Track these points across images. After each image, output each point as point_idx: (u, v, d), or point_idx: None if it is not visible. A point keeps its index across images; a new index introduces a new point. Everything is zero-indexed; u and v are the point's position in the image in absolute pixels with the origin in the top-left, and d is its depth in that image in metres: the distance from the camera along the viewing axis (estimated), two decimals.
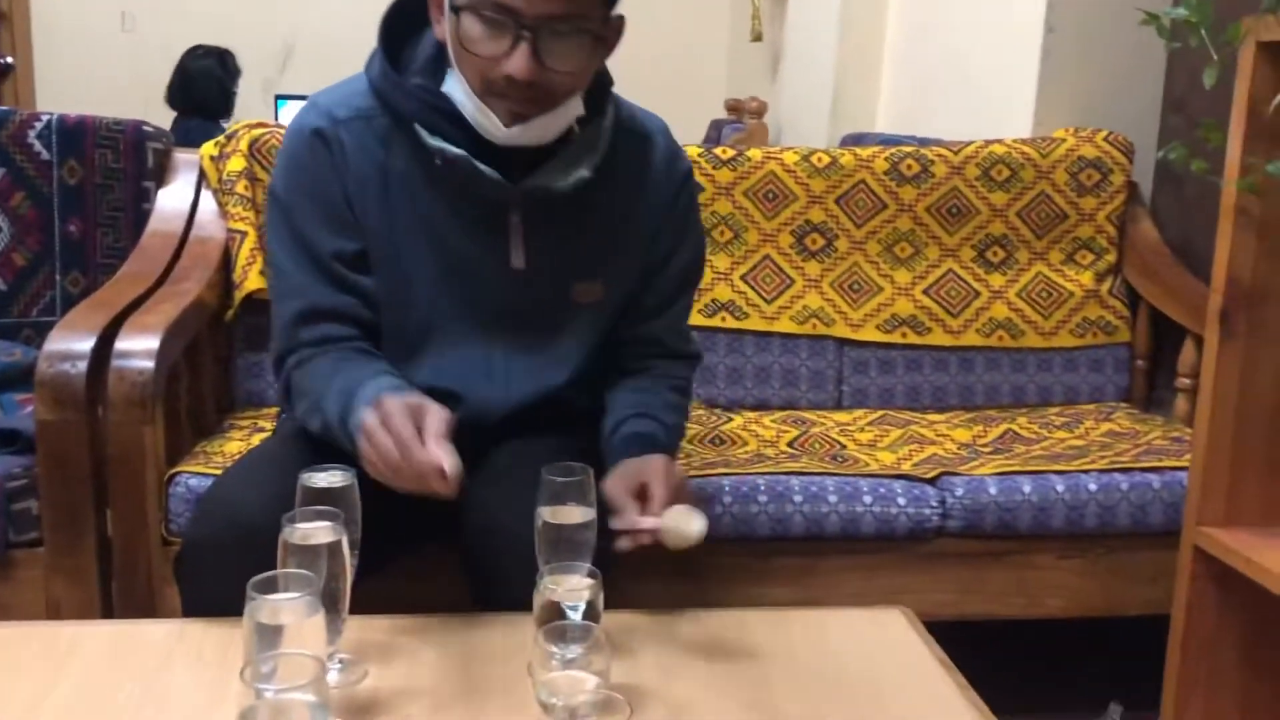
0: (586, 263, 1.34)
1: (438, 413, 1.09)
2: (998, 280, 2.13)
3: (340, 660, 1.04)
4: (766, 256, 2.08)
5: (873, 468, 1.72)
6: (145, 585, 1.52)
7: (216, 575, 1.14)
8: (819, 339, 2.07)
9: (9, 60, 4.63)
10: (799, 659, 1.12)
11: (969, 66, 2.67)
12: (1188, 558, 1.48)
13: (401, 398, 1.10)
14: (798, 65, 3.69)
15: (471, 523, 1.23)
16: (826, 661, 1.12)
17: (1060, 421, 2.00)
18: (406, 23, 1.29)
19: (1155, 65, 2.27)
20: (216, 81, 3.48)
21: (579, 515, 1.07)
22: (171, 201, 1.98)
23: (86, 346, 1.53)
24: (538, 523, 1.06)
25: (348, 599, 0.99)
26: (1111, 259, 2.15)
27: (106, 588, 1.55)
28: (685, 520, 1.13)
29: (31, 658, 1.08)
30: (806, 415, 2.01)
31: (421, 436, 1.06)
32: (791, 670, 1.10)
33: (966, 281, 2.12)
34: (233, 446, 1.67)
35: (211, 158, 1.97)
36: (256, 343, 1.89)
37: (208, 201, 1.96)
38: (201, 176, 1.99)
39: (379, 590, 1.15)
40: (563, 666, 0.88)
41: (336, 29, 4.30)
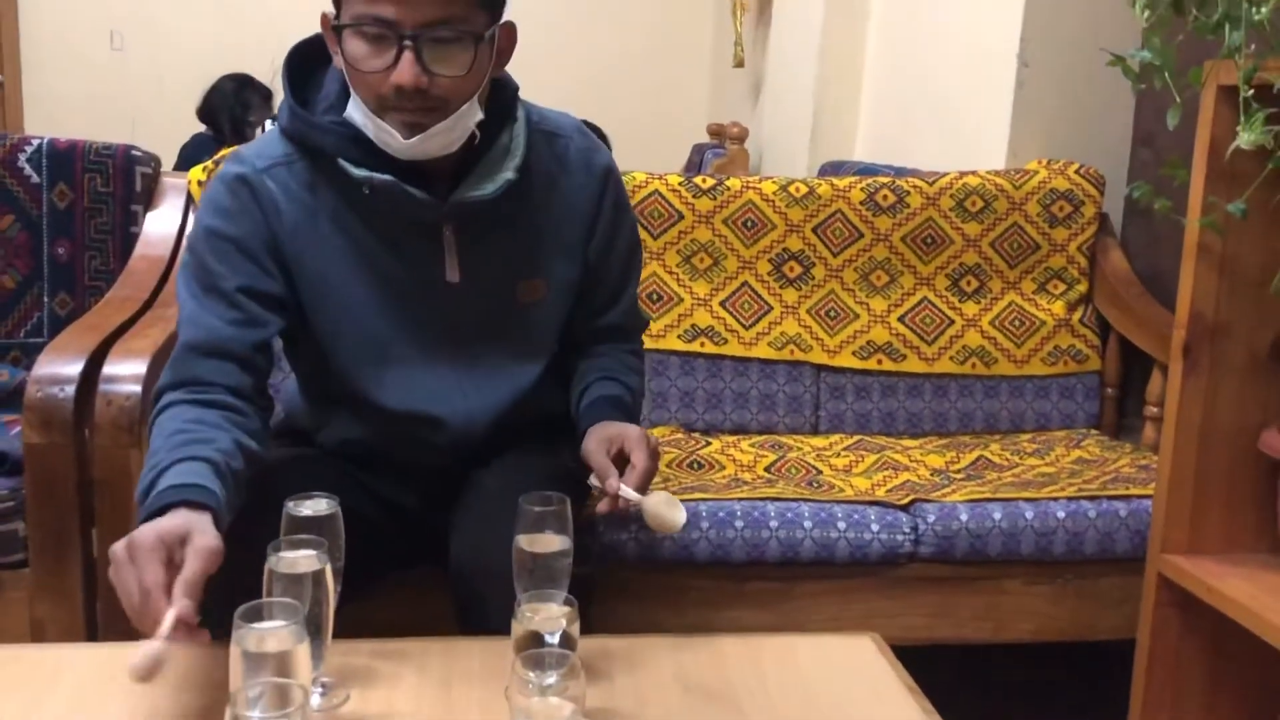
0: (523, 265, 1.38)
1: (199, 553, 0.99)
2: (971, 309, 2.17)
3: (323, 684, 1.07)
4: (745, 283, 2.12)
5: (847, 494, 1.76)
6: None
7: (203, 598, 1.16)
8: (796, 365, 2.11)
9: None
10: (770, 685, 1.14)
11: (945, 98, 2.73)
12: (1152, 584, 1.52)
13: (159, 532, 0.99)
14: (778, 92, 3.74)
15: (459, 551, 1.27)
16: (797, 688, 1.15)
17: (1032, 448, 2.04)
18: (309, 64, 1.33)
19: (1126, 99, 2.32)
20: (227, 106, 3.54)
21: (556, 544, 1.09)
22: (159, 225, 2.01)
23: (74, 371, 1.55)
24: (515, 551, 1.09)
25: (331, 625, 1.02)
26: (1083, 289, 2.19)
27: (91, 609, 1.56)
28: (670, 510, 1.24)
29: (18, 680, 1.10)
30: (784, 440, 2.04)
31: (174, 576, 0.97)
32: (763, 697, 1.12)
33: (941, 310, 2.16)
34: None
35: (199, 183, 2.00)
36: None
37: None
38: (189, 201, 2.01)
39: (362, 614, 1.18)
40: (540, 693, 0.91)
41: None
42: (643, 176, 2.10)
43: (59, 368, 1.55)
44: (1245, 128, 1.20)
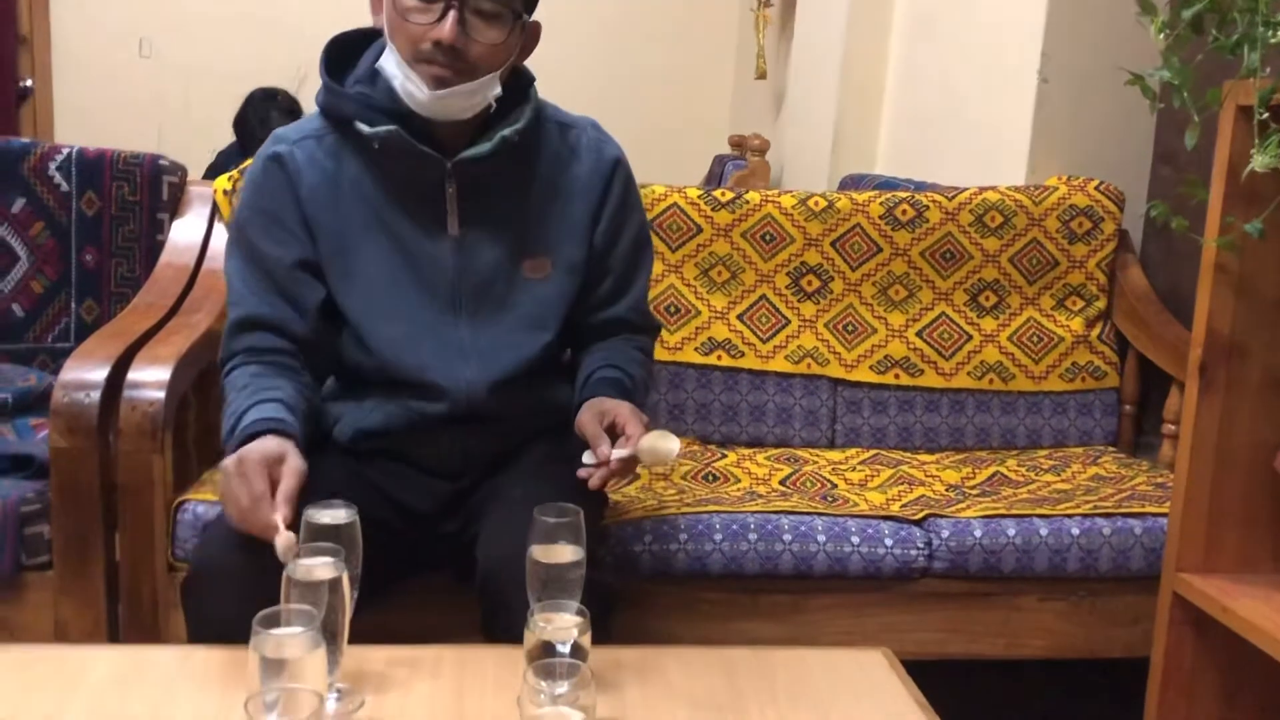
0: (528, 238, 1.44)
1: (293, 471, 1.20)
2: (989, 324, 2.17)
3: (338, 690, 1.08)
4: (763, 297, 2.13)
5: (862, 508, 1.76)
6: (151, 609, 1.56)
7: (221, 601, 1.19)
8: (813, 378, 2.12)
9: (28, 84, 4.71)
10: (781, 699, 1.15)
11: (966, 113, 2.73)
12: (1167, 603, 1.52)
13: (263, 452, 1.20)
14: (800, 105, 3.75)
15: (486, 560, 1.29)
16: (808, 702, 1.16)
17: (1048, 464, 2.04)
18: (345, 52, 1.44)
19: (1146, 116, 2.31)
20: (251, 117, 3.59)
21: (570, 554, 1.11)
22: (185, 234, 2.04)
23: (100, 376, 1.58)
24: (528, 561, 1.11)
25: (346, 631, 1.04)
26: (1101, 305, 2.19)
27: (113, 611, 1.59)
28: (662, 439, 1.27)
29: (42, 679, 1.13)
30: (800, 453, 2.05)
31: (274, 491, 1.17)
32: (774, 710, 1.13)
33: (959, 325, 2.16)
34: None
35: (225, 191, 2.02)
36: None
37: (220, 234, 2.02)
38: (214, 210, 2.04)
39: (377, 620, 1.20)
40: (551, 703, 0.92)
41: None
42: (662, 189, 2.11)
43: (85, 373, 1.58)
44: (1260, 150, 1.21)
